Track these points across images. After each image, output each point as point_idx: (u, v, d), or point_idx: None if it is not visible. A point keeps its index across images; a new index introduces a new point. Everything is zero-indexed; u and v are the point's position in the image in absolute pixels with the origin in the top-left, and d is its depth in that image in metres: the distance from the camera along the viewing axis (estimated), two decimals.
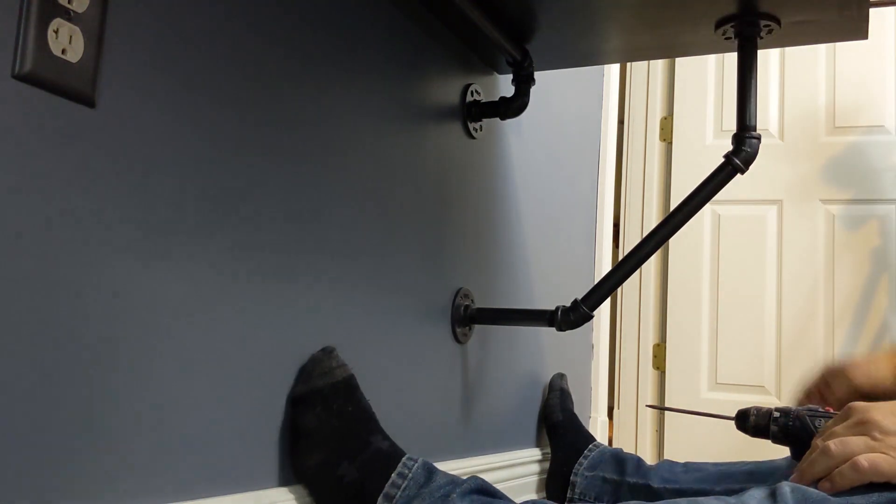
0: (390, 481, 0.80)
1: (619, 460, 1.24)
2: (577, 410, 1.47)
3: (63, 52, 0.57)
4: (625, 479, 1.21)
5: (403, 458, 0.82)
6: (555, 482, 1.32)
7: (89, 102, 0.59)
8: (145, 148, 0.65)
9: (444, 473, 0.84)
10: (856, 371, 1.11)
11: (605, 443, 1.42)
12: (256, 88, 0.77)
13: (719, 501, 0.74)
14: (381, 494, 0.79)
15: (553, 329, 1.11)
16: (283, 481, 0.81)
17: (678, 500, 0.77)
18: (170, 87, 0.67)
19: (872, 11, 1.05)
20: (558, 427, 1.39)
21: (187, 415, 0.69)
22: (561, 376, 1.50)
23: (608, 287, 1.07)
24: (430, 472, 0.83)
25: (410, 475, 0.81)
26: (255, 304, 0.77)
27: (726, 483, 1.13)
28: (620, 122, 2.37)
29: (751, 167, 1.04)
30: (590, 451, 1.30)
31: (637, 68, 2.65)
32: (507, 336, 1.34)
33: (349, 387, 0.83)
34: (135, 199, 0.64)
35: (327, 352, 0.84)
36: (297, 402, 0.81)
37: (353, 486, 0.79)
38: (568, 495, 1.26)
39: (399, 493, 0.79)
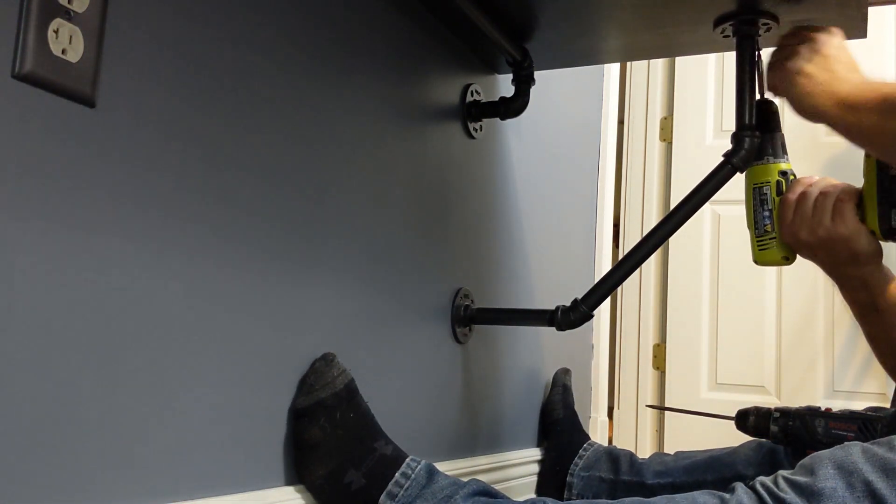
0: (394, 480, 0.82)
1: (613, 458, 1.24)
2: (577, 410, 1.47)
3: (63, 52, 0.57)
4: (619, 477, 1.21)
5: (407, 460, 0.84)
6: (549, 482, 1.32)
7: (89, 102, 0.59)
8: (145, 148, 0.65)
9: (446, 475, 0.85)
10: None
11: (605, 443, 1.42)
12: (256, 89, 0.77)
13: (704, 496, 0.76)
14: (384, 493, 0.81)
15: (553, 329, 1.11)
16: (288, 480, 0.81)
17: (655, 499, 0.79)
18: (170, 86, 0.67)
19: (872, 10, 1.05)
20: (557, 425, 1.38)
21: (189, 414, 0.69)
22: (565, 372, 1.49)
23: (608, 287, 1.07)
24: (432, 473, 0.84)
25: (413, 475, 0.83)
26: (256, 304, 0.77)
27: (715, 469, 1.13)
28: (620, 122, 2.38)
29: None
30: (584, 450, 1.29)
31: (637, 68, 2.65)
32: (507, 336, 1.34)
33: (350, 392, 0.83)
34: (135, 200, 0.64)
35: (327, 360, 0.84)
36: (301, 415, 0.81)
37: (361, 492, 0.81)
38: (565, 496, 1.26)
39: (402, 492, 0.81)
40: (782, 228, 0.99)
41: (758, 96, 1.03)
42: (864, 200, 0.94)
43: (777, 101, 1.03)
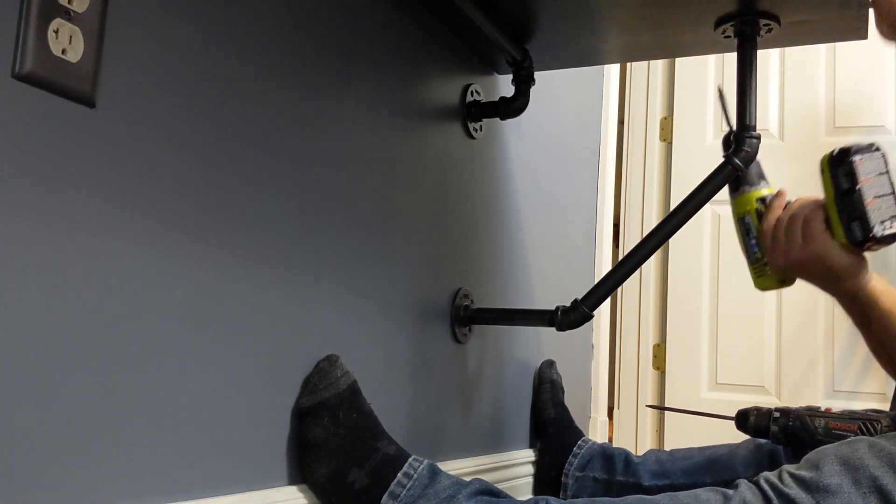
0: (396, 480, 0.82)
1: (608, 457, 1.23)
2: (577, 410, 1.47)
3: (63, 52, 0.57)
4: (614, 478, 1.19)
5: (409, 459, 0.84)
6: (545, 484, 1.31)
7: (89, 102, 0.59)
8: (145, 148, 0.65)
9: (448, 475, 0.85)
10: None
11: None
12: (256, 89, 0.77)
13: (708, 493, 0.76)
14: (387, 493, 0.81)
15: (553, 329, 1.11)
16: (291, 480, 0.81)
17: (658, 496, 0.79)
18: (170, 87, 0.67)
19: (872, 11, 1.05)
20: (549, 425, 1.36)
21: (192, 414, 0.69)
22: (550, 364, 1.46)
23: (608, 287, 1.07)
24: (435, 473, 0.84)
25: (416, 475, 0.82)
26: (257, 304, 0.77)
27: (715, 472, 1.13)
28: (620, 122, 2.37)
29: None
30: (579, 447, 1.27)
31: (637, 68, 2.65)
32: (507, 336, 1.34)
33: (353, 393, 0.83)
34: (135, 200, 0.64)
35: (332, 361, 0.84)
36: (305, 415, 0.81)
37: (364, 491, 0.80)
38: (560, 497, 1.25)
39: (404, 492, 0.81)
40: (767, 256, 1.02)
41: (725, 129, 1.03)
42: (829, 216, 0.95)
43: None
